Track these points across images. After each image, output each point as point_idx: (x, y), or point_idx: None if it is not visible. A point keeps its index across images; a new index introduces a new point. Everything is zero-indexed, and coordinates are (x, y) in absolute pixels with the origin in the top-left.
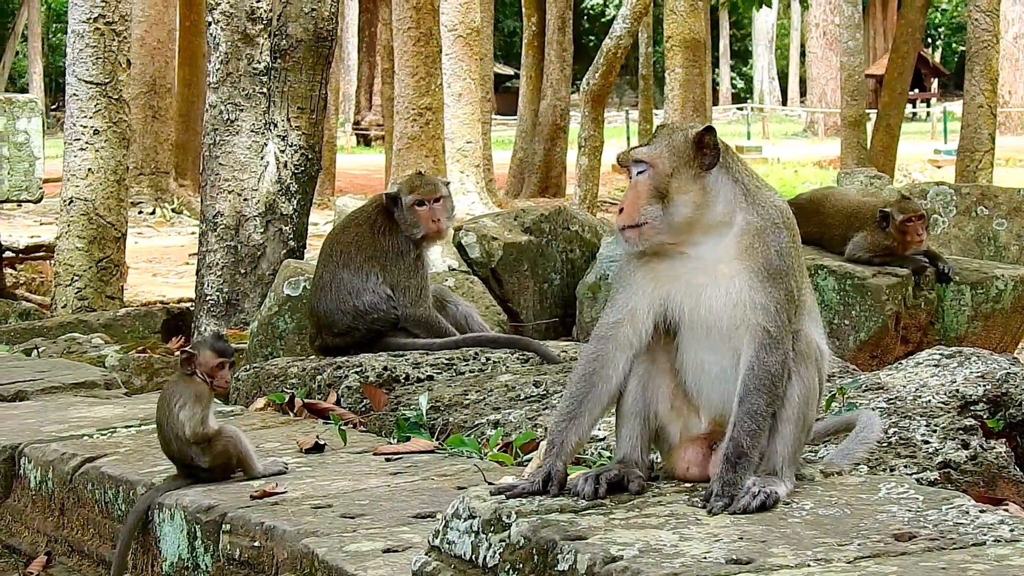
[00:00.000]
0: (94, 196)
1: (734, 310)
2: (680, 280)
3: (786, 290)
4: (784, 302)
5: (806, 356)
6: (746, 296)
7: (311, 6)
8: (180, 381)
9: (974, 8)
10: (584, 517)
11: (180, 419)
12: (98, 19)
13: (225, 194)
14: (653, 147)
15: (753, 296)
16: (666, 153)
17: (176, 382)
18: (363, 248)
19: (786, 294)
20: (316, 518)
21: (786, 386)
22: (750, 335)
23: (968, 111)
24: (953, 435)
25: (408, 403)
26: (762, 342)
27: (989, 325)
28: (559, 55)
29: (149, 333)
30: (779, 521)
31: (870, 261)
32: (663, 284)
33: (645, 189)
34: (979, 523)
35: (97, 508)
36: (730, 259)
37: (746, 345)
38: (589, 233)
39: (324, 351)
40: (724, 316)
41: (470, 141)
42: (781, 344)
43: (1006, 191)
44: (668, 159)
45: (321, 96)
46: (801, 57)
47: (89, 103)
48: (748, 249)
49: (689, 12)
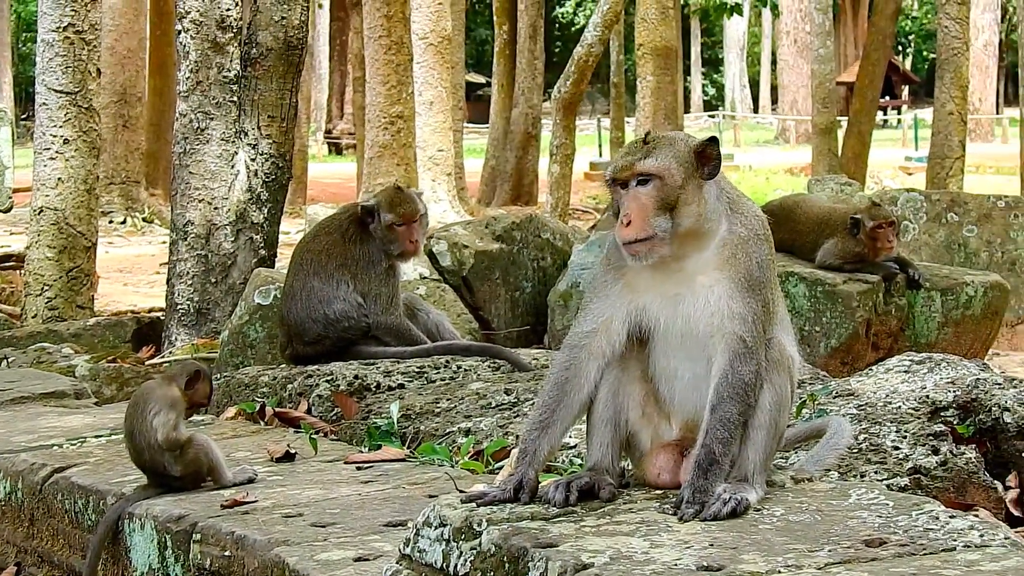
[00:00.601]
0: (64, 205)
1: (711, 319)
2: (658, 289)
3: (763, 301)
4: (761, 313)
5: (779, 364)
6: (724, 305)
7: (281, 14)
8: (155, 388)
9: (944, 16)
10: (555, 525)
11: (153, 424)
12: (68, 28)
13: (196, 203)
14: (659, 159)
15: (731, 306)
16: (674, 164)
17: (150, 388)
18: (334, 256)
19: (763, 305)
20: (287, 527)
21: (759, 393)
22: (725, 344)
23: (938, 118)
24: (923, 441)
25: (379, 412)
26: (736, 351)
27: (959, 331)
28: (530, 63)
29: (119, 343)
30: (750, 527)
31: (841, 268)
32: (640, 294)
33: (652, 201)
34: (949, 529)
35: (67, 518)
36: (711, 268)
37: (720, 354)
38: (561, 241)
39: (295, 360)
40: (700, 324)
41: (442, 149)
42: (755, 354)
43: (976, 198)
44: (677, 170)
45: (292, 104)
46: (772, 65)
47: (59, 112)
48: (730, 259)
49: (660, 20)
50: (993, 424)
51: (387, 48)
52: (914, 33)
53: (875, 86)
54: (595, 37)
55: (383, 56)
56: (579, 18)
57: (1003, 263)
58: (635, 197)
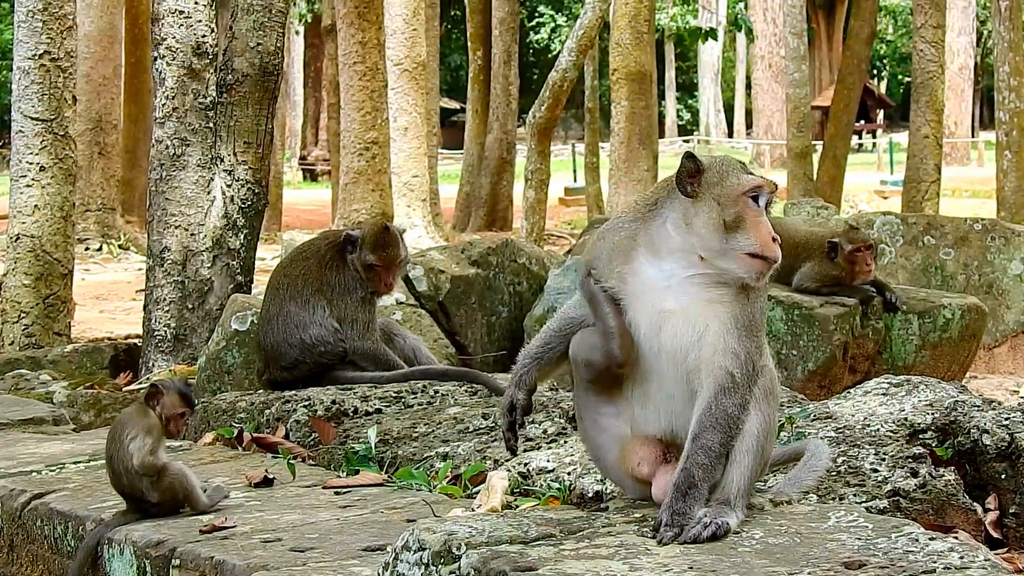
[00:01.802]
0: (41, 233)
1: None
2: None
3: (757, 343)
4: (754, 351)
5: (769, 392)
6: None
7: (256, 40)
8: (134, 414)
9: (919, 39)
10: (534, 548)
11: (130, 450)
12: (43, 55)
13: (172, 229)
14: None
15: (728, 341)
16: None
17: (129, 415)
18: (310, 281)
19: (756, 346)
20: (266, 552)
21: (742, 423)
22: (712, 377)
23: (914, 142)
24: (902, 463)
25: (357, 436)
26: (723, 385)
27: (937, 354)
28: (505, 89)
29: (97, 369)
30: (729, 550)
31: (818, 291)
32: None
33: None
34: (929, 550)
35: (46, 544)
36: (728, 299)
37: (706, 386)
38: (536, 266)
39: (272, 385)
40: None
41: (416, 175)
42: (741, 389)
43: (952, 221)
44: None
45: (268, 130)
46: (747, 89)
47: (35, 139)
48: (740, 296)
49: (635, 45)
50: (972, 446)
51: (362, 74)
52: (889, 57)
53: (850, 110)
54: (569, 62)
55: (358, 82)
56: (554, 44)
57: (980, 286)
58: (763, 213)
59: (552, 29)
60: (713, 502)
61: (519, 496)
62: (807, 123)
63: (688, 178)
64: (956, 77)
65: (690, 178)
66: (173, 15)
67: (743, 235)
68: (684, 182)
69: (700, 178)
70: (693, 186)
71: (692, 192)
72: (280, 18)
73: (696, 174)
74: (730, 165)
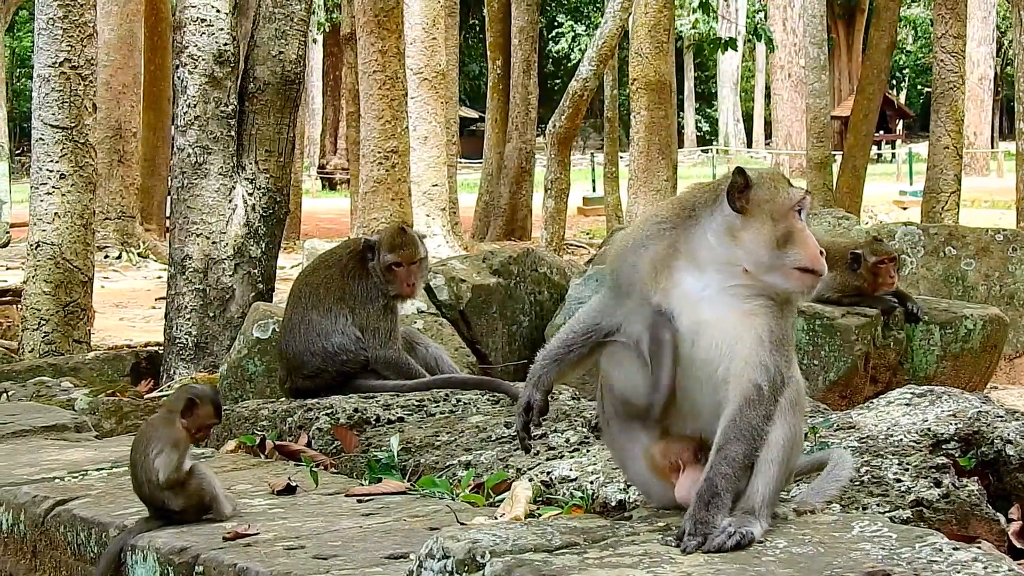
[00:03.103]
0: (61, 240)
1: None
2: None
3: (786, 356)
4: (783, 364)
5: (795, 403)
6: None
7: (278, 49)
8: (159, 425)
9: (940, 50)
10: (558, 557)
11: (156, 465)
12: (64, 63)
13: (194, 237)
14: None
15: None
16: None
17: (154, 425)
18: (332, 290)
19: (786, 359)
20: (289, 559)
21: (771, 430)
22: (740, 389)
23: (934, 152)
24: (925, 473)
25: (379, 445)
26: (749, 398)
27: (958, 365)
28: (524, 98)
29: (118, 377)
30: (753, 560)
31: (839, 301)
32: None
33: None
34: (952, 560)
35: (69, 550)
36: (761, 312)
37: (732, 397)
38: (557, 275)
39: (294, 393)
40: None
41: (436, 184)
42: (767, 401)
43: (974, 231)
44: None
45: (289, 139)
46: (766, 99)
47: (55, 147)
48: (774, 309)
49: (655, 54)
50: (995, 457)
51: (381, 83)
52: (909, 67)
53: (870, 120)
54: (590, 71)
55: (377, 91)
56: (574, 53)
57: (1001, 296)
58: (807, 227)
59: (572, 38)
60: (738, 511)
61: (542, 505)
62: (827, 133)
63: (738, 193)
64: (976, 87)
65: (739, 193)
66: (195, 23)
67: (793, 250)
68: (734, 197)
69: (748, 193)
70: (742, 201)
71: (741, 208)
72: (301, 26)
73: (745, 189)
74: (778, 180)
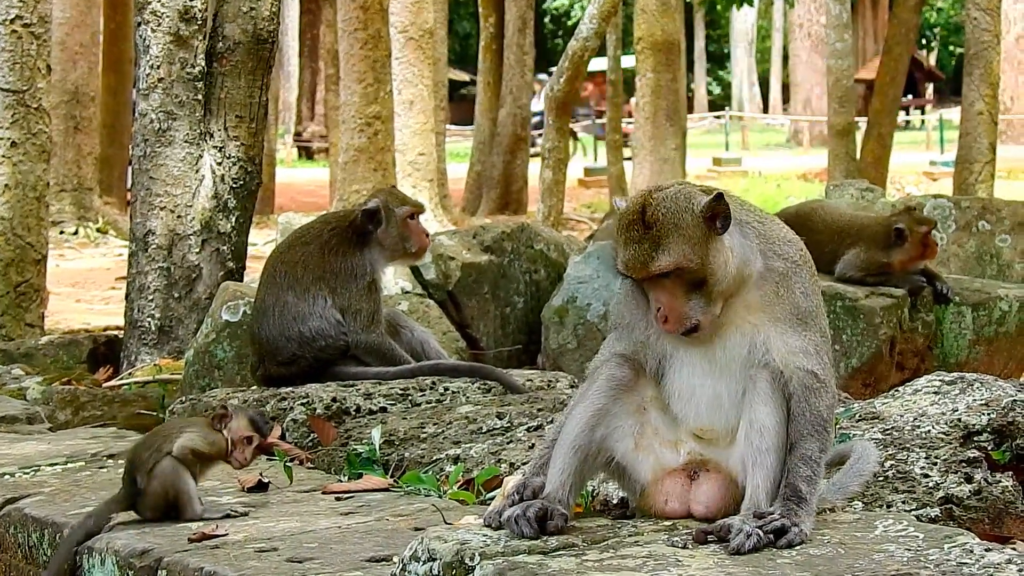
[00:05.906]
0: (11, 215)
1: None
2: None
3: (819, 329)
4: (820, 342)
5: None
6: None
7: (250, 5)
8: (201, 422)
9: (973, 7)
10: (554, 559)
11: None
12: (15, 21)
13: (157, 211)
14: (671, 251)
15: (790, 342)
16: (687, 247)
17: (195, 421)
18: (311, 268)
19: (820, 333)
20: (260, 563)
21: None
22: (797, 380)
23: (967, 118)
24: (955, 468)
25: (360, 437)
26: (810, 386)
27: (992, 350)
28: (519, 59)
29: (74, 363)
30: (767, 562)
31: (863, 280)
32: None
33: (679, 288)
34: (984, 563)
35: (20, 553)
36: (755, 310)
37: (794, 392)
38: (555, 252)
39: (267, 381)
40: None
41: (423, 153)
42: (828, 386)
43: (1010, 204)
44: (691, 251)
45: (261, 103)
46: (784, 60)
47: (5, 113)
48: (773, 298)
49: (661, 11)
50: None
51: (363, 43)
52: (940, 26)
53: (897, 84)
54: (591, 30)
55: (359, 51)
56: (574, 10)
57: None
58: (660, 289)
59: None
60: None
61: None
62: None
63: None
64: (1012, 48)
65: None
66: None
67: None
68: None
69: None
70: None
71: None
72: None
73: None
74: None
